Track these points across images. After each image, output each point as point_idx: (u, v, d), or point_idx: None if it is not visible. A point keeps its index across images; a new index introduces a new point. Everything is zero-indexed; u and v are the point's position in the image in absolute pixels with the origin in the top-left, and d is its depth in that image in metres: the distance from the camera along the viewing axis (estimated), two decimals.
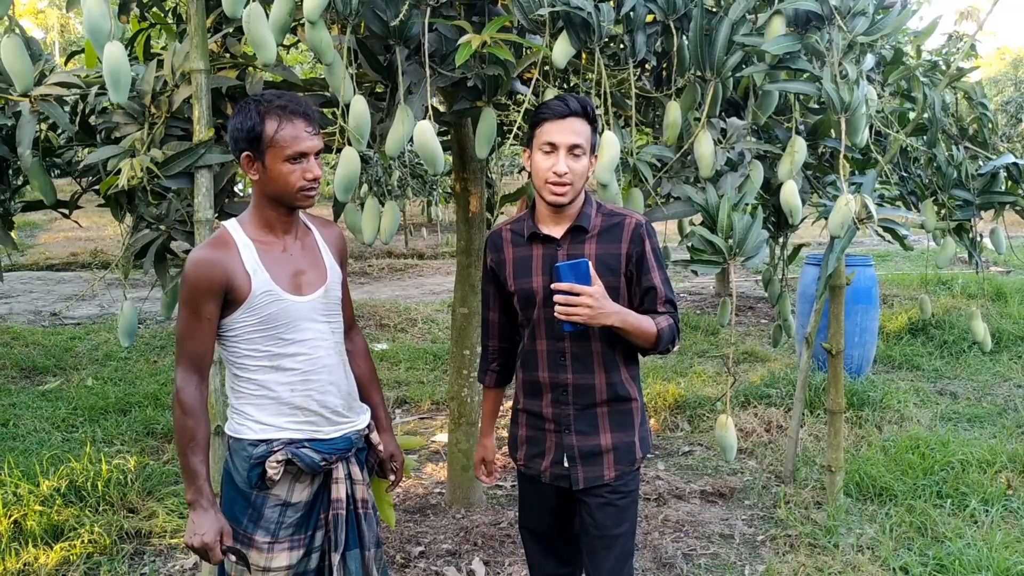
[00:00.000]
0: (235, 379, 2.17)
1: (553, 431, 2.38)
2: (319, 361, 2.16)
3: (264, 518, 2.14)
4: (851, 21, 2.75)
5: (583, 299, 2.12)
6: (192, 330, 2.07)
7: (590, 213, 2.33)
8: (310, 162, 2.07)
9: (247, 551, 2.14)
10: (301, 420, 2.15)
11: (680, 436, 5.54)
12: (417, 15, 2.51)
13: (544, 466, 2.40)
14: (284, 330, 2.11)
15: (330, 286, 2.20)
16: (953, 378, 6.90)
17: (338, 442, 2.20)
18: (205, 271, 2.04)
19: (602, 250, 2.30)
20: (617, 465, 2.36)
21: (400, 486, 4.55)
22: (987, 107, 3.97)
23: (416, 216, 19.41)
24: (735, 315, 9.56)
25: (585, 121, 2.24)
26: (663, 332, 2.26)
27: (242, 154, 2.07)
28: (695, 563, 3.70)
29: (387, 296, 10.94)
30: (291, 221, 2.17)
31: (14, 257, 13.78)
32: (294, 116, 2.04)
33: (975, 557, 3.51)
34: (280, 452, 2.11)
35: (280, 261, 2.13)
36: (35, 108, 2.81)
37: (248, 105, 2.06)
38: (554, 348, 2.34)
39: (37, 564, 3.54)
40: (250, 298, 2.06)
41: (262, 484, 2.12)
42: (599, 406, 2.35)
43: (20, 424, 5.52)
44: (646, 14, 2.76)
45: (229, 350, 2.15)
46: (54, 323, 9.24)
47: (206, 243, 2.12)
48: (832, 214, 2.84)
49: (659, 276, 2.32)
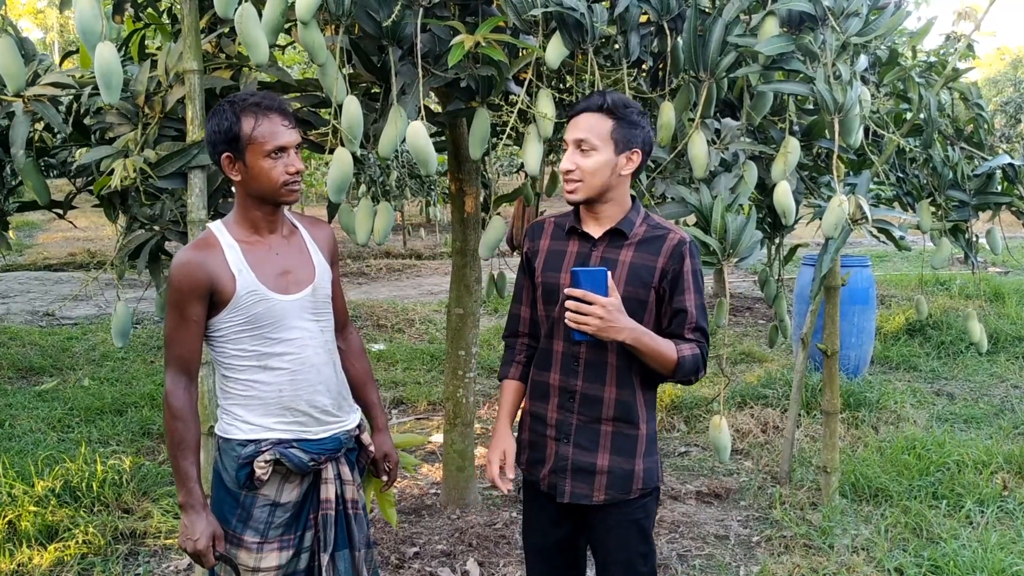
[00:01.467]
0: (224, 379, 2.17)
1: (553, 438, 2.30)
2: (307, 360, 2.16)
3: (253, 518, 2.14)
4: (844, 22, 2.75)
5: (595, 309, 2.03)
6: (179, 332, 2.07)
7: (634, 220, 2.25)
8: (291, 156, 2.07)
9: (236, 551, 2.14)
10: (289, 420, 2.15)
11: (676, 437, 5.54)
12: (410, 15, 2.50)
13: (543, 473, 2.33)
14: (270, 330, 2.10)
15: (318, 285, 2.19)
16: (950, 379, 6.91)
17: (327, 442, 2.20)
18: (189, 273, 2.04)
19: (638, 259, 2.21)
20: (608, 490, 2.25)
21: (396, 486, 4.56)
22: (983, 108, 3.97)
23: (414, 216, 19.40)
24: (733, 316, 9.58)
25: (603, 115, 2.16)
26: (684, 361, 2.15)
27: (222, 156, 2.06)
28: (690, 564, 3.70)
29: (385, 296, 10.93)
30: (276, 220, 2.17)
31: (12, 257, 13.79)
32: (269, 111, 2.04)
33: (970, 558, 3.52)
34: (268, 452, 2.11)
35: (266, 261, 2.12)
36: (29, 108, 2.81)
37: (222, 106, 2.05)
38: (569, 351, 2.26)
39: (31, 565, 3.54)
40: (235, 298, 2.06)
41: (251, 484, 2.12)
42: (604, 423, 2.24)
43: (16, 424, 5.52)
44: (640, 15, 2.76)
45: (217, 351, 2.15)
46: (51, 323, 9.24)
47: (190, 245, 2.12)
48: (826, 215, 2.84)
49: (693, 300, 2.21)
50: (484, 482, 4.64)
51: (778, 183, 2.96)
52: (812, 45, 2.75)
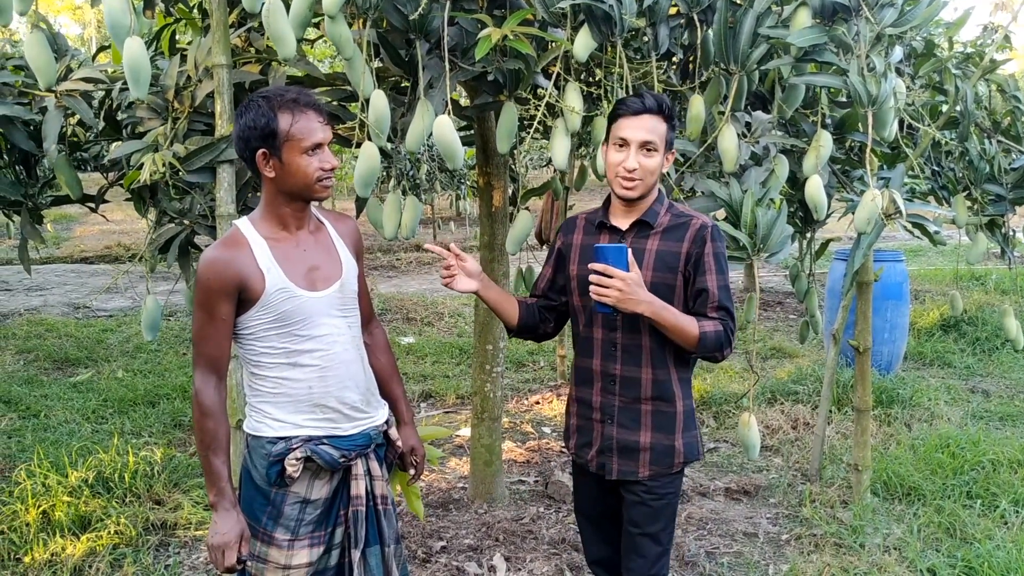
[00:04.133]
0: (252, 377, 2.16)
1: (599, 420, 2.44)
2: (336, 357, 2.15)
3: (284, 515, 2.14)
4: (879, 12, 2.70)
5: (615, 282, 2.16)
6: (208, 331, 2.06)
7: (659, 210, 2.38)
8: (326, 152, 2.07)
9: (267, 548, 2.14)
10: (320, 417, 2.14)
11: (706, 433, 5.49)
12: (437, 9, 2.49)
13: (590, 455, 2.48)
14: (300, 327, 2.10)
15: (346, 280, 2.19)
16: (985, 376, 6.79)
17: (357, 438, 2.20)
18: (218, 271, 2.02)
19: (664, 247, 2.34)
20: (652, 465, 2.40)
21: (423, 480, 4.58)
22: (1021, 100, 3.89)
23: (444, 210, 19.43)
24: (764, 310, 9.50)
25: (660, 118, 2.28)
26: (707, 336, 2.27)
27: (257, 152, 2.04)
28: (718, 561, 3.67)
29: (414, 290, 10.97)
30: (304, 216, 2.16)
31: (49, 250, 14.01)
32: (306, 108, 2.04)
33: (1004, 559, 3.45)
34: (299, 449, 2.10)
35: (294, 257, 2.11)
36: (61, 103, 2.84)
37: (256, 102, 2.04)
38: (607, 338, 2.40)
39: (64, 555, 3.59)
40: (264, 296, 2.05)
41: (281, 481, 2.12)
42: (643, 402, 2.39)
43: (51, 415, 5.61)
44: (669, 6, 2.73)
45: (245, 348, 2.14)
46: (86, 315, 9.38)
47: (218, 243, 2.10)
48: (858, 210, 2.80)
49: (715, 280, 2.31)
50: (511, 477, 4.64)
51: (810, 177, 2.92)
52: (845, 36, 2.70)
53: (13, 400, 5.90)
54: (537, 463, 4.93)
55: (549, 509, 4.20)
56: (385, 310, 9.33)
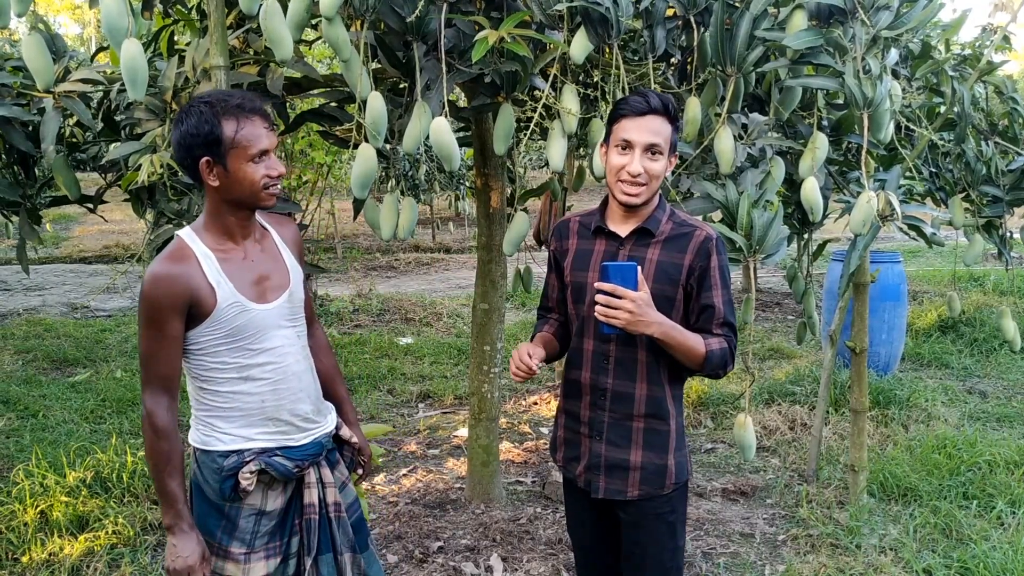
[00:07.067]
0: (201, 391, 2.10)
1: (587, 435, 2.31)
2: (288, 369, 2.11)
3: (239, 529, 2.10)
4: (875, 15, 2.70)
5: (624, 303, 2.04)
6: (157, 350, 1.97)
7: (660, 218, 2.25)
8: (272, 159, 2.01)
9: (223, 563, 2.10)
10: (272, 430, 2.11)
11: (703, 433, 5.51)
12: (434, 11, 2.50)
13: (579, 470, 2.34)
14: (251, 341, 2.05)
15: (293, 289, 2.15)
16: (983, 377, 6.80)
17: (309, 447, 2.17)
18: (167, 287, 1.94)
19: (665, 257, 2.21)
20: (643, 485, 2.27)
21: (420, 480, 4.58)
22: (1018, 101, 3.89)
23: (443, 210, 19.43)
24: (762, 311, 9.50)
25: (666, 120, 2.15)
26: (712, 354, 2.16)
27: (200, 160, 1.96)
28: (715, 562, 3.68)
29: (413, 290, 10.97)
30: (250, 225, 2.10)
31: (48, 250, 14.01)
32: (252, 114, 1.97)
33: (1000, 560, 3.46)
34: (252, 462, 2.06)
35: (242, 269, 2.06)
36: (59, 104, 2.84)
37: (198, 108, 1.95)
38: (599, 349, 2.26)
39: (62, 554, 3.59)
40: (216, 311, 1.98)
41: (235, 496, 2.07)
42: (636, 419, 2.26)
43: (50, 415, 5.61)
44: (666, 8, 2.73)
45: (194, 363, 2.07)
46: (85, 315, 9.38)
47: (163, 257, 2.00)
48: (854, 211, 2.80)
49: (720, 296, 2.21)
50: (509, 477, 4.65)
51: (806, 179, 2.93)
52: (841, 39, 2.71)
53: (11, 400, 5.90)
54: (534, 464, 4.94)
55: (546, 509, 4.21)
56: (384, 310, 9.34)
